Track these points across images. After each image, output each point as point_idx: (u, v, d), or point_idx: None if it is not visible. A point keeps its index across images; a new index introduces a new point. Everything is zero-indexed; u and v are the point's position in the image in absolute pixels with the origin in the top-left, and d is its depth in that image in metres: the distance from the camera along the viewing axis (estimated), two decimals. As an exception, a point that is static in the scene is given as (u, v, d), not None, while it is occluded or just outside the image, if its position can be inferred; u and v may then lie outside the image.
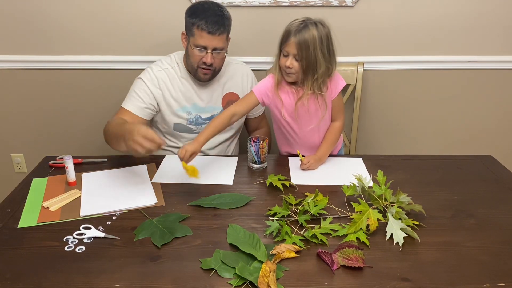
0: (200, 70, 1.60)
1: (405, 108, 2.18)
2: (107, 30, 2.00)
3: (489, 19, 2.02)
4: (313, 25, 1.38)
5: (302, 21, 1.39)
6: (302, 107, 1.48)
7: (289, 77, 1.45)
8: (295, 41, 1.37)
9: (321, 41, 1.38)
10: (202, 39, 1.53)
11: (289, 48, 1.40)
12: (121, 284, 0.96)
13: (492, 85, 2.15)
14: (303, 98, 1.46)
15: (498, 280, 0.98)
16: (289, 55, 1.41)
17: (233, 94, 1.74)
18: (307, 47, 1.37)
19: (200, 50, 1.56)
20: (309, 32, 1.36)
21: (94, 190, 1.36)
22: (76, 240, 1.12)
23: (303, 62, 1.39)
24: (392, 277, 0.99)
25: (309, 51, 1.37)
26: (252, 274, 0.97)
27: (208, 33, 1.52)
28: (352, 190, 1.28)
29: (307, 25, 1.38)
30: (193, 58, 1.58)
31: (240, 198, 1.31)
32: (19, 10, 1.97)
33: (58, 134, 2.21)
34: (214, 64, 1.58)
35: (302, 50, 1.37)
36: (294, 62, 1.40)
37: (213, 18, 1.52)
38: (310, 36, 1.36)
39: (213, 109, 1.72)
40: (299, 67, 1.41)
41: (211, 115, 1.72)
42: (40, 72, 2.08)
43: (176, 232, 1.14)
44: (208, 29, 1.51)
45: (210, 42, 1.54)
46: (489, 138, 2.26)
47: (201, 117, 1.71)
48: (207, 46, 1.54)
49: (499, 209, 1.27)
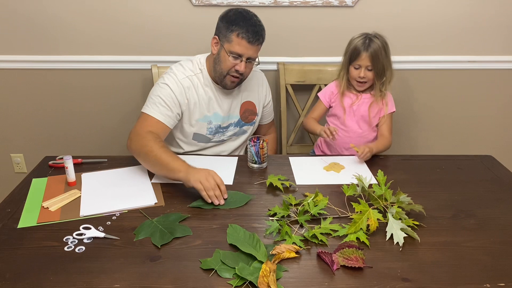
0: (229, 78, 1.56)
1: (405, 108, 2.18)
2: (107, 30, 2.00)
3: (489, 19, 2.02)
4: (375, 38, 1.63)
5: (365, 37, 1.63)
6: (359, 110, 1.71)
7: (362, 86, 1.70)
8: (367, 55, 1.61)
9: (384, 50, 1.63)
10: (240, 47, 1.50)
11: (361, 61, 1.63)
12: (121, 284, 0.96)
13: (492, 85, 2.15)
14: (376, 101, 1.70)
15: (498, 280, 0.98)
16: (361, 67, 1.64)
17: (250, 103, 1.73)
18: (377, 57, 1.62)
19: (235, 57, 1.52)
20: (375, 45, 1.61)
21: (94, 190, 1.36)
22: (76, 240, 1.11)
23: (375, 71, 1.64)
24: (392, 277, 0.99)
25: (379, 60, 1.62)
26: (252, 274, 0.97)
27: (248, 42, 1.50)
28: (352, 190, 1.28)
29: (371, 39, 1.62)
30: (225, 64, 1.54)
31: (240, 197, 1.32)
32: (19, 10, 1.97)
33: (58, 134, 2.21)
34: (244, 73, 1.57)
35: (373, 61, 1.62)
36: (367, 72, 1.65)
37: (254, 28, 1.50)
38: (377, 48, 1.61)
39: (232, 117, 1.69)
40: (372, 75, 1.65)
41: (229, 124, 1.69)
42: (40, 72, 2.08)
43: (176, 232, 1.14)
44: (248, 39, 1.49)
45: (247, 51, 1.51)
46: (489, 138, 2.26)
47: (221, 127, 1.68)
48: (243, 54, 1.52)
49: (499, 209, 1.27)
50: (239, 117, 1.71)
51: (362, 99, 1.72)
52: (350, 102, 1.73)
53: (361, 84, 1.69)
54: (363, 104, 1.72)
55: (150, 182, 1.41)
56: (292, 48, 2.05)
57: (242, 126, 1.73)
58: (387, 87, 1.70)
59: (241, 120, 1.72)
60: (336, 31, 2.01)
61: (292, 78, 2.04)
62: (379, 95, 1.69)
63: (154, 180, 1.42)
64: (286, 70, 2.03)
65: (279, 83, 2.05)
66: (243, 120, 1.72)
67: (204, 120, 1.64)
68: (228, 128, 1.70)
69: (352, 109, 1.72)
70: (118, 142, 2.21)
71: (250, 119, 1.74)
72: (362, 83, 1.68)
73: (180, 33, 2.01)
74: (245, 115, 1.72)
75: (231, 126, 1.70)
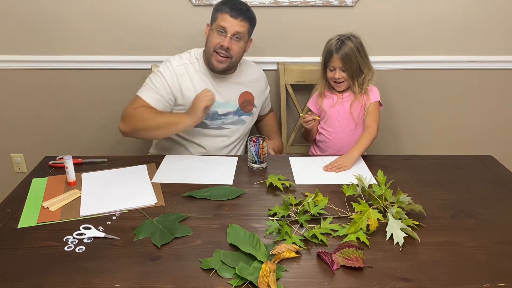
0: (215, 56, 1.61)
1: (405, 108, 2.18)
2: (107, 30, 2.00)
3: (489, 19, 2.02)
4: (348, 39, 1.65)
5: (337, 39, 1.66)
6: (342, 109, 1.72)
7: (339, 86, 1.71)
8: (338, 56, 1.64)
9: (358, 50, 1.65)
10: (223, 21, 1.58)
11: (334, 63, 1.66)
12: (121, 284, 0.96)
13: (492, 85, 2.15)
14: (357, 98, 1.70)
15: (498, 280, 0.98)
16: (336, 69, 1.67)
17: (249, 93, 1.76)
18: (349, 58, 1.64)
19: (220, 32, 1.59)
20: (347, 47, 1.63)
21: (94, 190, 1.36)
22: (76, 240, 1.11)
23: (349, 71, 1.66)
24: (392, 277, 0.99)
25: (352, 61, 1.64)
26: (252, 274, 0.97)
27: (230, 16, 1.57)
28: (352, 190, 1.28)
29: (343, 41, 1.65)
30: (211, 41, 1.61)
31: (233, 190, 1.34)
32: (19, 10, 1.97)
33: (58, 134, 2.21)
34: (231, 51, 1.60)
35: (345, 62, 1.64)
36: (341, 73, 1.67)
37: (237, 6, 1.60)
38: (348, 50, 1.63)
39: (230, 106, 1.72)
40: (346, 75, 1.67)
41: (228, 112, 1.72)
42: (40, 72, 2.08)
43: (176, 232, 1.14)
44: (230, 13, 1.57)
45: (231, 26, 1.57)
46: (489, 138, 2.26)
47: (218, 113, 1.70)
48: (227, 28, 1.57)
49: (499, 209, 1.27)
50: (238, 106, 1.73)
51: (343, 98, 1.73)
52: (331, 103, 1.74)
53: (338, 85, 1.71)
54: (344, 104, 1.72)
55: (150, 182, 1.41)
56: (292, 48, 2.05)
57: (240, 115, 1.76)
58: (368, 84, 1.71)
59: (239, 109, 1.74)
60: (336, 31, 1.99)
61: (292, 78, 2.04)
62: (358, 92, 1.69)
63: (154, 180, 1.42)
64: (286, 70, 2.03)
65: (279, 83, 2.05)
66: (242, 109, 1.75)
67: None
68: (227, 116, 1.72)
69: (335, 110, 1.73)
70: (118, 142, 2.21)
71: (248, 109, 1.77)
72: (339, 83, 1.70)
73: (180, 33, 2.01)
74: (244, 104, 1.75)
75: (230, 114, 1.73)
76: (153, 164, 1.53)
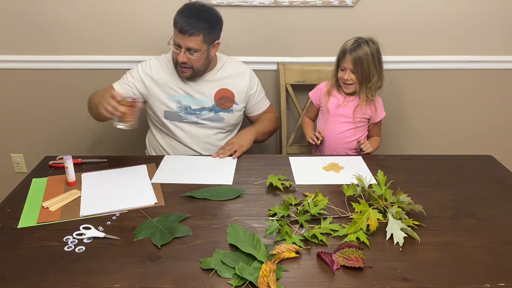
0: (178, 68, 1.66)
1: (405, 108, 2.18)
2: (107, 30, 2.00)
3: (489, 19, 2.02)
4: (365, 43, 1.64)
5: (355, 40, 1.66)
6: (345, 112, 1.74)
7: (348, 88, 1.72)
8: (351, 58, 1.64)
9: (373, 55, 1.65)
10: (176, 37, 1.59)
11: (345, 63, 1.67)
12: (121, 284, 0.96)
13: (492, 85, 2.15)
14: (361, 105, 1.71)
15: (498, 280, 0.98)
16: (346, 70, 1.67)
17: (226, 90, 1.76)
18: (361, 62, 1.64)
19: (176, 47, 1.61)
20: (362, 50, 1.63)
21: (94, 190, 1.36)
22: (76, 240, 1.11)
23: (359, 75, 1.66)
24: (392, 277, 0.99)
25: (364, 65, 1.64)
26: (252, 274, 0.97)
27: (179, 32, 1.57)
28: (352, 190, 1.28)
29: (359, 43, 1.64)
30: (172, 55, 1.67)
31: (232, 190, 1.34)
32: (19, 10, 1.97)
33: (58, 134, 2.21)
34: (190, 63, 1.62)
35: (356, 64, 1.64)
36: (351, 74, 1.67)
37: (188, 20, 1.55)
38: (363, 53, 1.63)
39: (205, 102, 1.73)
40: (356, 78, 1.67)
41: (201, 107, 1.73)
42: (40, 72, 2.08)
43: (176, 232, 1.14)
44: (179, 29, 1.56)
45: (183, 42, 1.58)
46: (489, 138, 2.26)
47: (191, 107, 1.73)
48: (181, 44, 1.59)
49: (499, 209, 1.27)
50: (214, 103, 1.74)
51: (348, 101, 1.74)
52: (336, 103, 1.76)
53: (346, 86, 1.72)
54: (348, 107, 1.74)
55: (150, 182, 1.41)
56: (292, 48, 2.05)
57: (217, 112, 1.76)
58: (374, 94, 1.71)
59: (216, 105, 1.74)
60: (336, 31, 2.01)
61: (292, 78, 2.04)
62: (364, 100, 1.71)
63: (154, 180, 1.42)
64: (286, 70, 2.03)
65: (279, 83, 2.05)
66: (219, 106, 1.75)
67: (174, 99, 1.71)
68: (202, 112, 1.73)
69: (337, 111, 1.75)
70: (118, 142, 2.21)
71: (226, 106, 1.77)
72: (348, 85, 1.71)
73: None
74: (221, 101, 1.75)
75: (204, 110, 1.74)
76: (153, 164, 1.53)
